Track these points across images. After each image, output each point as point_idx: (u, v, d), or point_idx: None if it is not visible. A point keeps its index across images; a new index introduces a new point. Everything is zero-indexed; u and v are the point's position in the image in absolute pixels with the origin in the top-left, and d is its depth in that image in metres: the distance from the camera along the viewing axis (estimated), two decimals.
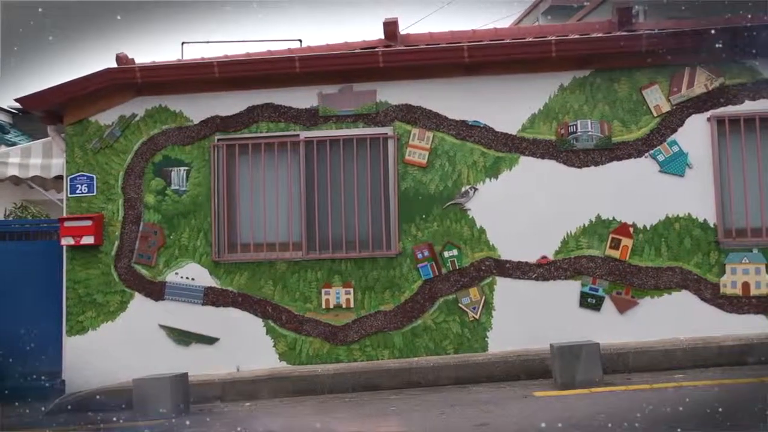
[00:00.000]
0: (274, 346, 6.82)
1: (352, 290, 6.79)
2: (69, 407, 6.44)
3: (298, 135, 6.99)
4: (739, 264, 6.45)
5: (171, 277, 6.96)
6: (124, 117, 7.14)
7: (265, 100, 7.04)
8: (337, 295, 6.80)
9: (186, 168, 7.05)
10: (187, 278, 6.94)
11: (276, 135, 7.02)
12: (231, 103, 7.06)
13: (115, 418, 5.84)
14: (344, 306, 6.79)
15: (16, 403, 6.64)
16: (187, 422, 5.60)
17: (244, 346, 6.83)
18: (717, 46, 6.45)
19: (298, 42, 9.39)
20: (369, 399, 6.01)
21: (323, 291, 6.82)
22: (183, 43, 9.29)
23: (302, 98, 7.01)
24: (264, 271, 6.90)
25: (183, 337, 6.88)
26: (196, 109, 7.08)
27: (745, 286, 6.42)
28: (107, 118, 7.16)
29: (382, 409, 5.57)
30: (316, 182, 6.94)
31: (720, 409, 4.58)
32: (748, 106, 6.56)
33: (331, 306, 6.80)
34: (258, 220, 7.01)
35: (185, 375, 6.15)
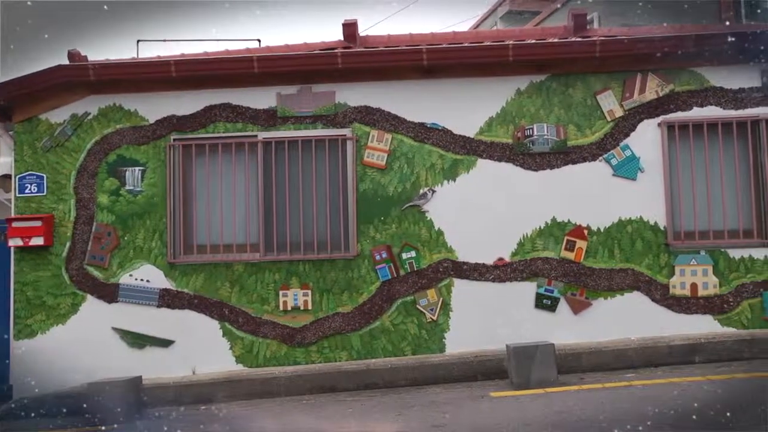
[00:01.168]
0: (231, 348, 6.75)
1: (310, 292, 6.77)
2: (17, 413, 6.25)
3: (256, 136, 6.94)
4: (687, 266, 6.63)
5: (125, 279, 6.83)
6: (77, 115, 6.98)
7: (223, 100, 6.97)
8: (295, 296, 6.77)
9: (141, 168, 6.93)
10: (141, 280, 6.82)
11: (233, 135, 6.95)
12: (188, 103, 6.97)
13: (66, 423, 5.70)
14: (302, 308, 6.76)
15: None
16: (140, 426, 5.50)
17: (200, 348, 6.74)
18: (667, 53, 6.64)
19: (257, 42, 9.31)
20: (326, 401, 5.99)
21: (281, 293, 6.78)
22: (138, 41, 9.08)
23: (260, 98, 6.95)
24: (221, 273, 6.83)
25: (137, 340, 6.76)
26: (152, 108, 6.97)
27: (693, 287, 6.61)
28: (59, 116, 6.99)
29: (340, 411, 5.56)
30: (274, 183, 6.90)
31: (668, 408, 4.71)
32: (697, 113, 6.76)
33: (289, 308, 6.76)
34: (215, 222, 6.92)
35: (139, 378, 6.05)
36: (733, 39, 6.70)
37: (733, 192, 6.73)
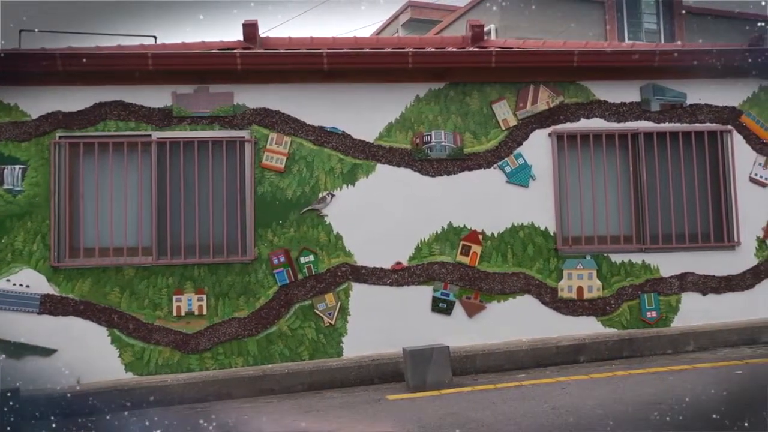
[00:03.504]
0: (120, 356, 6.46)
1: (205, 297, 6.59)
2: None
3: (149, 135, 6.69)
4: (574, 270, 6.97)
5: (1, 285, 6.39)
6: None
7: (114, 97, 6.67)
8: (189, 302, 6.57)
9: (21, 166, 6.51)
10: (20, 285, 6.40)
11: (125, 134, 6.66)
12: (75, 99, 6.62)
13: None
14: (197, 313, 6.57)
15: None
16: None
17: (86, 357, 6.40)
18: (556, 66, 6.98)
19: (153, 38, 8.97)
20: (221, 408, 5.84)
21: (174, 298, 6.56)
22: (21, 31, 8.52)
23: (155, 97, 6.71)
24: (110, 277, 6.53)
25: (14, 350, 6.33)
26: (35, 103, 6.57)
27: (580, 290, 6.95)
28: None
29: (235, 419, 5.44)
30: (168, 185, 6.67)
31: (556, 406, 4.93)
32: (584, 124, 7.12)
33: (183, 313, 6.55)
34: (104, 224, 6.61)
35: (17, 390, 5.67)
36: (613, 56, 7.13)
37: (615, 200, 7.14)
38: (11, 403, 5.51)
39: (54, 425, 5.63)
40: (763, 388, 5.03)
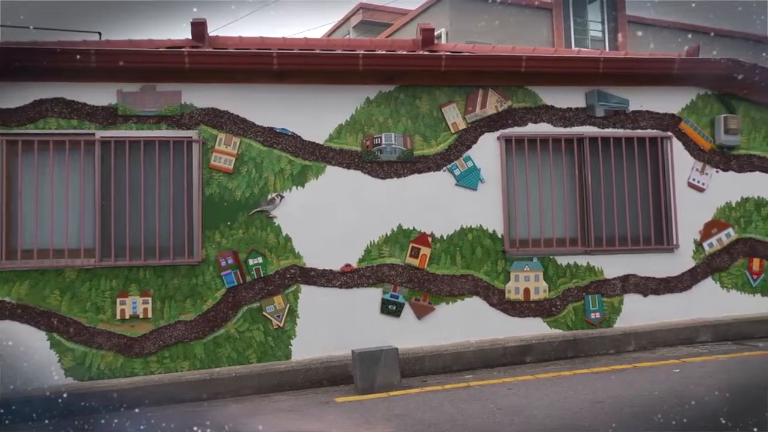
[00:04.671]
0: (60, 360, 6.27)
1: (150, 299, 6.45)
2: None
3: (93, 134, 6.51)
4: (521, 272, 7.08)
5: None
6: None
7: (56, 94, 6.47)
8: (134, 304, 6.42)
9: None
10: None
11: (67, 133, 6.47)
12: (13, 95, 6.40)
13: None
14: (141, 316, 6.42)
15: None
16: None
17: (24, 362, 6.18)
18: (505, 71, 7.09)
19: (97, 35, 8.75)
20: (165, 412, 5.72)
21: (118, 300, 6.40)
22: None
23: (99, 95, 6.54)
24: (49, 280, 6.32)
25: None
26: None
27: (526, 292, 7.07)
28: None
29: (181, 423, 5.33)
30: (113, 185, 6.51)
31: (503, 406, 5.00)
32: (531, 128, 7.25)
33: (127, 316, 6.40)
34: (44, 225, 6.40)
35: None
36: (560, 62, 7.28)
37: (561, 203, 7.29)
38: None
39: None
40: (698, 387, 5.21)
